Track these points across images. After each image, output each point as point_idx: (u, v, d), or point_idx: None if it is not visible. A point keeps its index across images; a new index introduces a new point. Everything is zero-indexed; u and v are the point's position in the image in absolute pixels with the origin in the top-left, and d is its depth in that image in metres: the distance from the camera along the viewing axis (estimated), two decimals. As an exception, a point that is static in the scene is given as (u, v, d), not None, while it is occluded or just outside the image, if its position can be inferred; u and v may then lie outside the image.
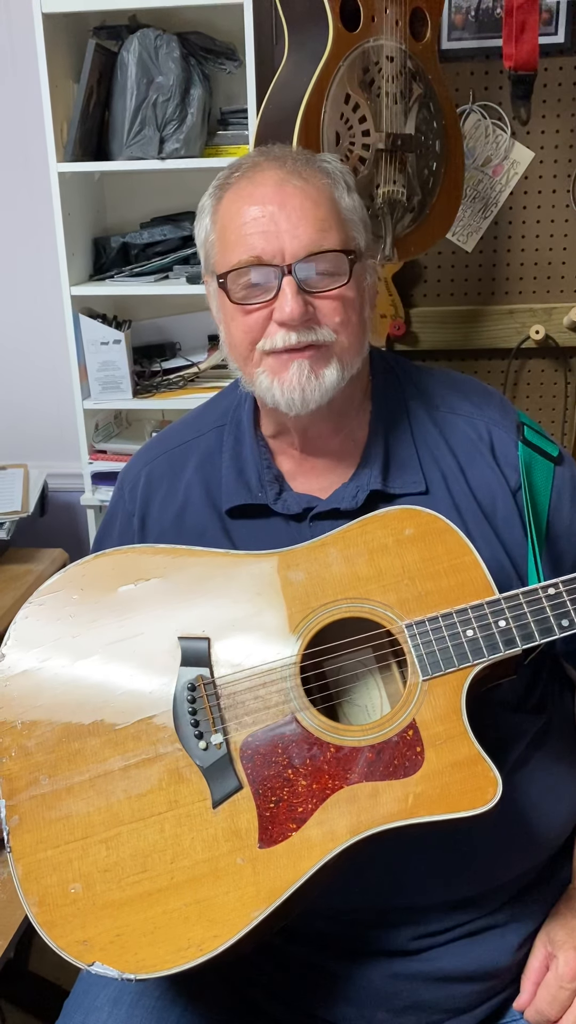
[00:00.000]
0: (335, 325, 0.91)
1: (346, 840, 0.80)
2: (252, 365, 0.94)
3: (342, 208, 0.93)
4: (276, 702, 0.85)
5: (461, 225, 1.90)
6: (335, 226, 0.91)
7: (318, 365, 0.92)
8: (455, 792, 0.80)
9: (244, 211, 0.91)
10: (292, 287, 0.89)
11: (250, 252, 0.90)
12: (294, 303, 0.88)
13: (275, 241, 0.89)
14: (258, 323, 0.92)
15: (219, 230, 0.94)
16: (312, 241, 0.89)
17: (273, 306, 0.90)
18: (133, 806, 0.84)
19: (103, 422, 2.02)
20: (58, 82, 1.73)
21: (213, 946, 0.78)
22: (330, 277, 0.91)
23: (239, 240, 0.91)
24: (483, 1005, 0.93)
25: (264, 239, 0.89)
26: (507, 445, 0.99)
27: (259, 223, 0.89)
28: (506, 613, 0.84)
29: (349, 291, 0.92)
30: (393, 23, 1.41)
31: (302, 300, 0.89)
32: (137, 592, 0.91)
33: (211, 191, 0.97)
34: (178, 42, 1.73)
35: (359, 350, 0.95)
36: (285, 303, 0.89)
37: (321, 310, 0.91)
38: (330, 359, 0.92)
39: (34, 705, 0.87)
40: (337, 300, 0.91)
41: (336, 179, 0.94)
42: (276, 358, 0.92)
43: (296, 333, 0.90)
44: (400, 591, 0.87)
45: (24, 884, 0.83)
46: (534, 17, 1.49)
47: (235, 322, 0.94)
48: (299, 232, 0.89)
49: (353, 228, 0.94)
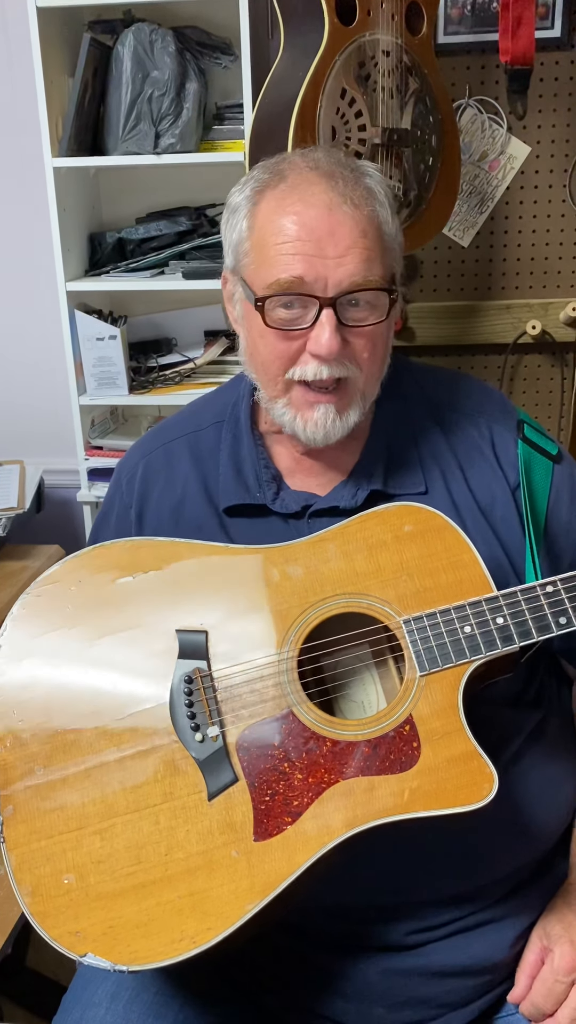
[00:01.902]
0: (363, 361, 0.90)
1: (342, 834, 0.80)
2: (277, 391, 0.93)
3: (385, 235, 0.89)
4: (273, 696, 0.85)
5: (457, 220, 1.90)
6: (379, 257, 0.87)
7: (343, 408, 0.91)
8: (451, 787, 0.80)
9: (289, 228, 0.86)
10: (332, 321, 0.86)
11: (292, 273, 0.86)
12: (332, 339, 0.86)
13: (320, 268, 0.85)
14: (291, 351, 0.89)
15: (257, 240, 0.89)
16: (358, 273, 0.86)
17: (309, 335, 0.87)
18: (128, 798, 0.84)
19: (99, 418, 2.02)
20: (53, 77, 1.72)
21: (206, 938, 0.78)
22: (368, 310, 0.88)
23: (280, 259, 0.87)
24: (480, 1000, 0.93)
25: (308, 264, 0.85)
26: (507, 443, 0.99)
27: (304, 246, 0.85)
28: (504, 610, 0.84)
29: (383, 327, 0.90)
30: (389, 17, 1.41)
31: (340, 336, 0.87)
32: (135, 585, 0.90)
33: (247, 193, 0.91)
34: (173, 36, 1.72)
35: (378, 380, 0.94)
36: (323, 336, 0.86)
37: (354, 345, 0.89)
38: (354, 398, 0.91)
39: (30, 696, 0.87)
40: (369, 336, 0.89)
41: (382, 200, 0.90)
42: (303, 394, 0.91)
43: (328, 367, 0.88)
44: (398, 587, 0.87)
45: (17, 874, 0.83)
46: (530, 11, 1.49)
47: (265, 342, 0.91)
48: (346, 263, 0.85)
49: (394, 257, 0.91)
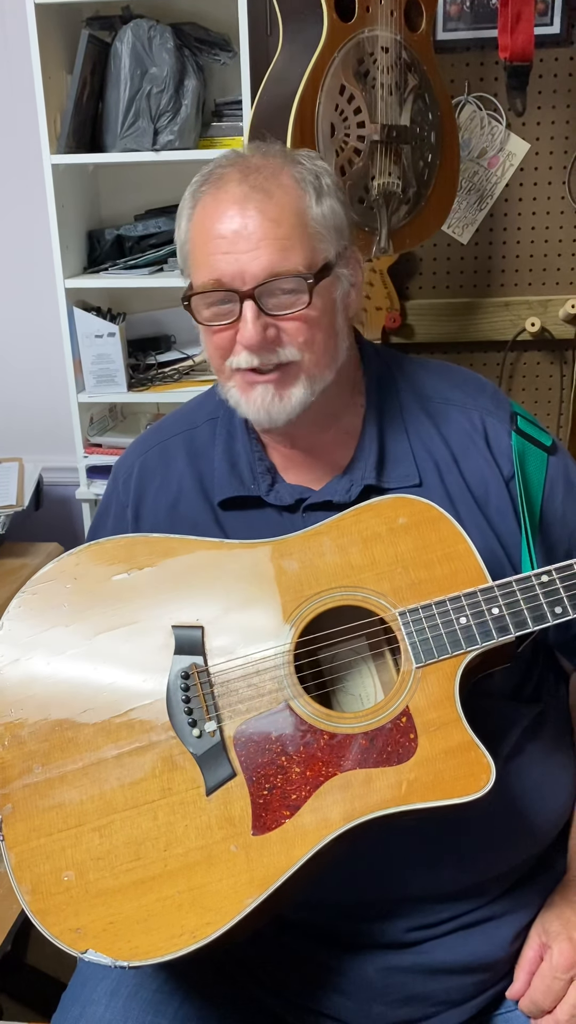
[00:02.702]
0: (299, 345, 0.91)
1: (340, 827, 0.80)
2: (224, 378, 0.96)
3: (309, 220, 0.90)
4: (269, 690, 0.85)
5: (457, 217, 1.90)
6: (297, 244, 0.88)
7: (283, 387, 0.92)
8: (448, 778, 0.80)
9: (209, 229, 0.89)
10: (252, 311, 0.88)
11: (211, 275, 0.89)
12: (253, 328, 0.88)
13: (235, 264, 0.88)
14: (225, 342, 0.92)
15: (190, 245, 0.93)
16: (273, 263, 0.87)
17: (237, 327, 0.90)
18: (126, 794, 0.84)
19: (98, 415, 2.02)
20: (51, 73, 1.72)
21: (206, 933, 0.78)
22: (293, 297, 0.89)
23: (204, 262, 0.90)
24: (478, 997, 0.93)
25: (225, 261, 0.88)
26: (500, 434, 0.99)
27: (221, 244, 0.88)
28: (499, 600, 0.85)
29: (312, 311, 0.90)
30: (388, 13, 1.41)
31: (262, 324, 0.88)
32: (130, 581, 0.90)
33: (188, 194, 0.95)
34: (172, 33, 1.72)
35: (329, 363, 0.94)
36: (245, 328, 0.88)
37: (285, 330, 0.90)
38: (296, 378, 0.92)
39: (27, 694, 0.87)
40: (300, 321, 0.90)
41: (306, 187, 0.90)
42: (243, 376, 0.93)
43: (258, 356, 0.90)
44: (394, 579, 0.87)
45: (17, 872, 0.83)
46: (529, 8, 1.49)
47: (206, 336, 0.95)
48: (259, 255, 0.87)
49: (321, 240, 0.91)
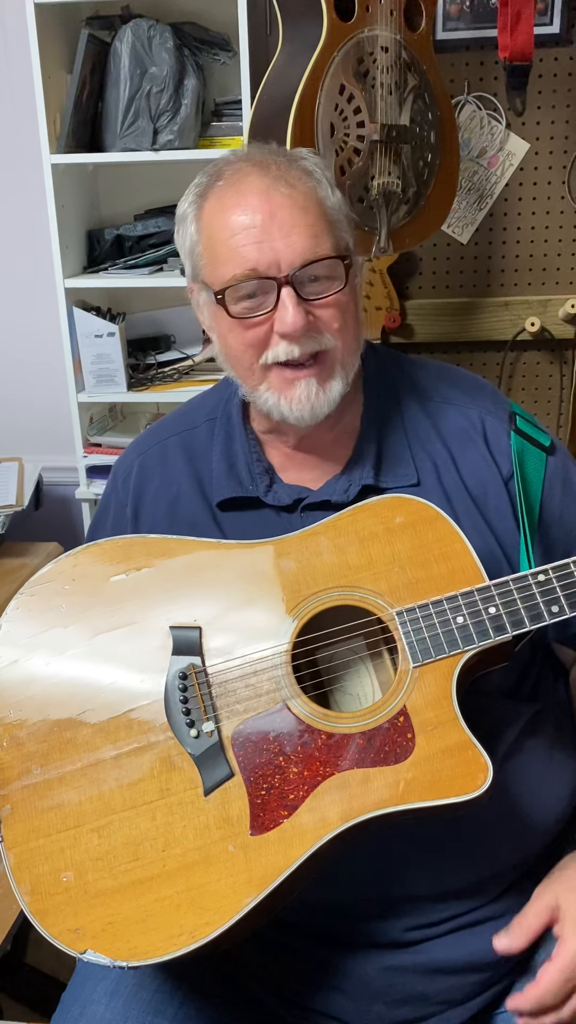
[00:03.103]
0: (334, 331, 0.91)
1: (338, 826, 0.80)
2: (255, 379, 0.94)
3: (329, 209, 0.91)
4: (267, 690, 0.85)
5: (456, 217, 1.90)
6: (326, 230, 0.89)
7: (324, 379, 0.92)
8: (446, 778, 0.80)
9: (233, 222, 0.89)
10: (292, 298, 0.87)
11: (245, 265, 0.88)
12: (295, 314, 0.87)
13: (269, 252, 0.87)
14: (259, 337, 0.91)
15: (206, 240, 0.92)
16: (307, 248, 0.87)
17: (274, 317, 0.89)
18: (125, 795, 0.84)
19: (97, 415, 2.02)
20: (51, 73, 1.72)
21: (205, 933, 0.78)
22: (327, 282, 0.89)
23: (231, 253, 0.89)
24: (478, 997, 0.93)
25: (258, 250, 0.87)
26: (499, 434, 0.99)
27: (251, 234, 0.88)
28: (496, 600, 0.85)
29: (346, 295, 0.91)
30: (388, 13, 1.41)
31: (303, 310, 0.88)
32: (128, 582, 0.90)
33: (191, 199, 0.94)
34: (172, 32, 1.72)
35: (357, 349, 0.95)
36: (287, 315, 0.87)
37: (321, 318, 0.90)
38: (334, 369, 0.92)
39: (26, 695, 0.87)
40: (335, 306, 0.90)
41: (319, 179, 0.92)
42: (280, 375, 0.91)
43: (299, 345, 0.89)
44: (391, 579, 0.87)
45: (16, 873, 0.83)
46: (529, 7, 1.49)
47: (234, 335, 0.92)
48: (293, 241, 0.87)
49: (341, 228, 0.92)
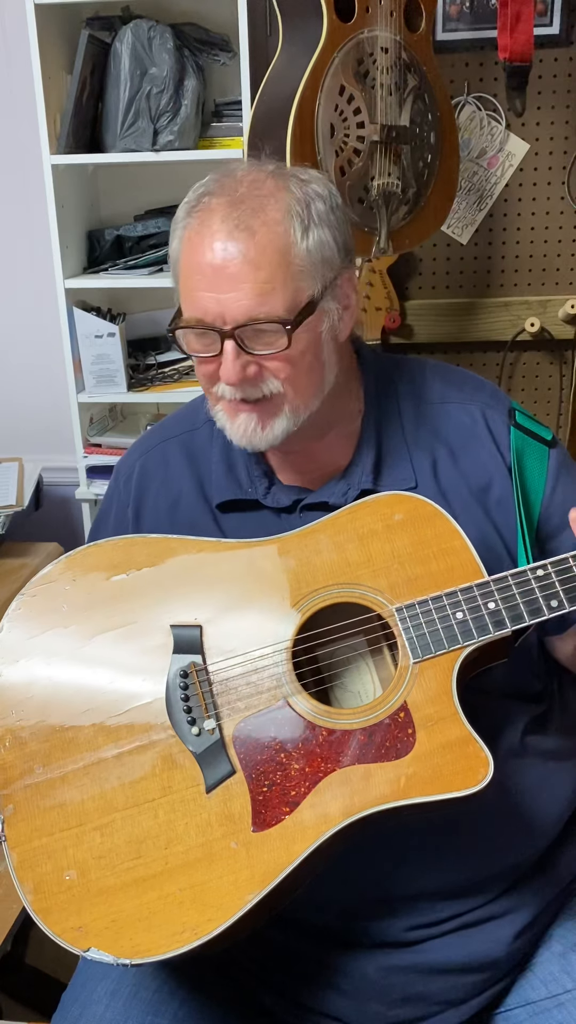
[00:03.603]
0: (282, 380, 0.91)
1: (339, 822, 0.80)
2: (212, 401, 0.96)
3: (292, 258, 0.87)
4: (268, 687, 0.85)
5: (456, 217, 1.90)
6: (279, 287, 0.87)
7: (266, 418, 0.92)
8: (447, 773, 0.80)
9: (193, 262, 0.89)
10: (232, 351, 0.88)
11: (195, 312, 0.89)
12: (232, 368, 0.88)
13: (215, 306, 0.87)
14: (210, 371, 0.92)
15: (180, 263, 0.92)
16: (251, 307, 0.87)
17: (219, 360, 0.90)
18: (127, 793, 0.84)
19: (98, 416, 2.02)
20: (51, 73, 1.72)
21: (208, 930, 0.78)
22: (272, 337, 0.88)
23: (189, 294, 0.90)
24: (478, 997, 0.93)
25: (206, 300, 0.88)
26: (501, 427, 0.99)
27: (202, 282, 0.88)
28: (495, 595, 0.85)
29: (292, 351, 0.89)
30: (388, 14, 1.41)
31: (242, 363, 0.88)
32: (129, 582, 0.91)
33: (181, 214, 0.93)
34: (172, 33, 1.72)
35: (315, 393, 0.94)
36: (226, 365, 0.89)
37: (268, 367, 0.90)
38: (280, 409, 0.92)
39: (28, 695, 0.88)
40: (281, 360, 0.90)
41: (291, 221, 0.88)
42: (227, 404, 0.93)
43: (241, 390, 0.90)
44: (390, 575, 0.87)
45: (19, 872, 0.83)
46: (529, 8, 1.49)
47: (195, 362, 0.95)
48: (238, 296, 0.87)
49: (304, 278, 0.89)
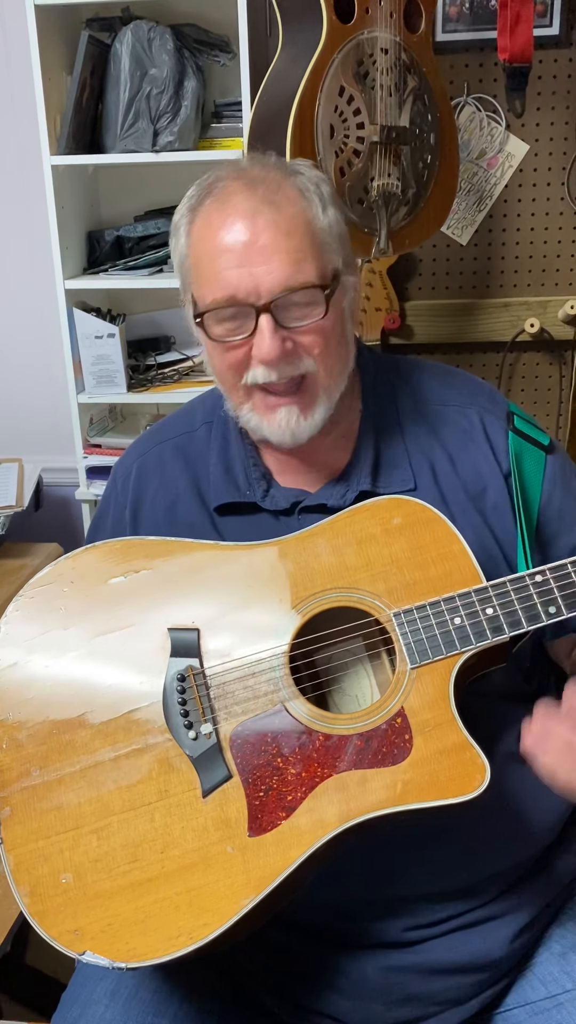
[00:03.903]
0: (315, 356, 0.90)
1: (335, 828, 0.80)
2: (239, 398, 0.94)
3: (317, 230, 0.89)
4: (265, 692, 0.85)
5: (456, 218, 1.90)
6: (309, 255, 0.88)
7: (306, 407, 0.91)
8: (444, 779, 0.80)
9: (216, 244, 0.88)
10: (269, 325, 0.87)
11: (224, 291, 0.88)
12: (271, 342, 0.87)
13: (249, 280, 0.87)
14: (239, 359, 0.91)
15: (193, 259, 0.92)
16: (287, 276, 0.87)
17: (252, 342, 0.89)
18: (123, 796, 0.84)
19: (97, 416, 2.02)
20: (51, 74, 1.72)
21: (203, 934, 0.78)
22: (307, 309, 0.89)
23: (213, 277, 0.89)
24: (478, 997, 0.93)
25: (238, 277, 0.87)
26: (498, 432, 0.99)
27: (231, 258, 0.87)
28: (493, 601, 0.85)
29: (327, 321, 0.90)
30: (387, 15, 1.41)
31: (280, 337, 0.88)
32: (127, 584, 0.91)
33: (183, 211, 0.94)
34: (172, 34, 1.72)
35: (342, 371, 0.94)
36: (263, 342, 0.87)
37: (301, 343, 0.89)
38: (316, 396, 0.92)
39: (25, 697, 0.88)
40: (316, 333, 0.89)
41: (310, 198, 0.90)
42: (263, 400, 0.91)
43: (277, 370, 0.89)
44: (388, 580, 0.87)
45: (15, 875, 0.83)
46: (528, 9, 1.49)
47: (215, 356, 0.93)
48: (272, 268, 0.86)
49: (328, 250, 0.91)
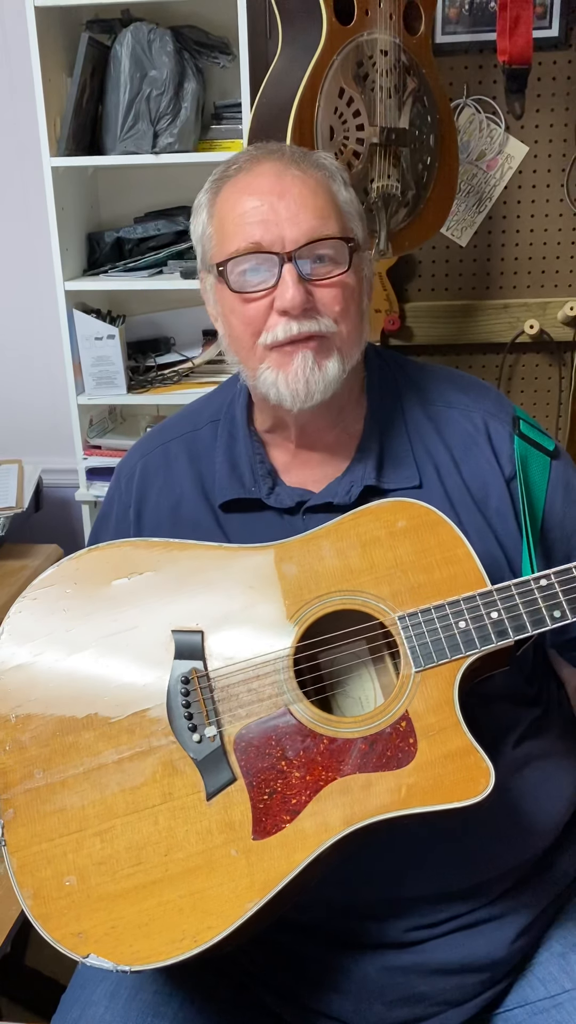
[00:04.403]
0: (335, 315, 0.91)
1: (339, 831, 0.80)
2: (255, 360, 0.94)
3: (340, 200, 0.93)
4: (269, 694, 0.85)
5: (455, 220, 1.90)
6: (333, 215, 0.91)
7: (321, 356, 0.91)
8: (448, 783, 0.80)
9: (242, 201, 0.90)
10: (293, 275, 0.88)
11: (249, 239, 0.89)
12: (295, 290, 0.88)
13: (275, 229, 0.88)
14: (259, 313, 0.91)
15: (217, 223, 0.93)
16: (312, 228, 0.89)
17: (274, 295, 0.89)
18: (127, 799, 0.84)
19: (97, 417, 2.02)
20: (51, 76, 1.72)
21: (207, 937, 0.78)
22: (331, 264, 0.90)
23: (237, 229, 0.90)
24: (479, 997, 0.93)
25: (263, 227, 0.89)
26: (503, 436, 0.99)
27: (259, 212, 0.89)
28: (498, 605, 0.85)
29: (349, 279, 0.91)
30: (387, 17, 1.41)
31: (303, 288, 0.88)
32: (131, 586, 0.91)
33: (207, 188, 0.96)
34: (171, 36, 1.72)
35: (358, 340, 0.95)
36: (286, 290, 0.88)
37: (321, 300, 0.90)
38: (332, 351, 0.92)
39: (28, 699, 0.87)
40: (338, 288, 0.91)
41: (333, 173, 0.94)
42: (280, 351, 0.92)
43: (297, 323, 0.89)
44: (393, 583, 0.87)
45: (19, 877, 0.83)
46: (528, 11, 1.49)
47: (235, 314, 0.93)
48: (299, 219, 0.89)
49: (351, 220, 0.94)
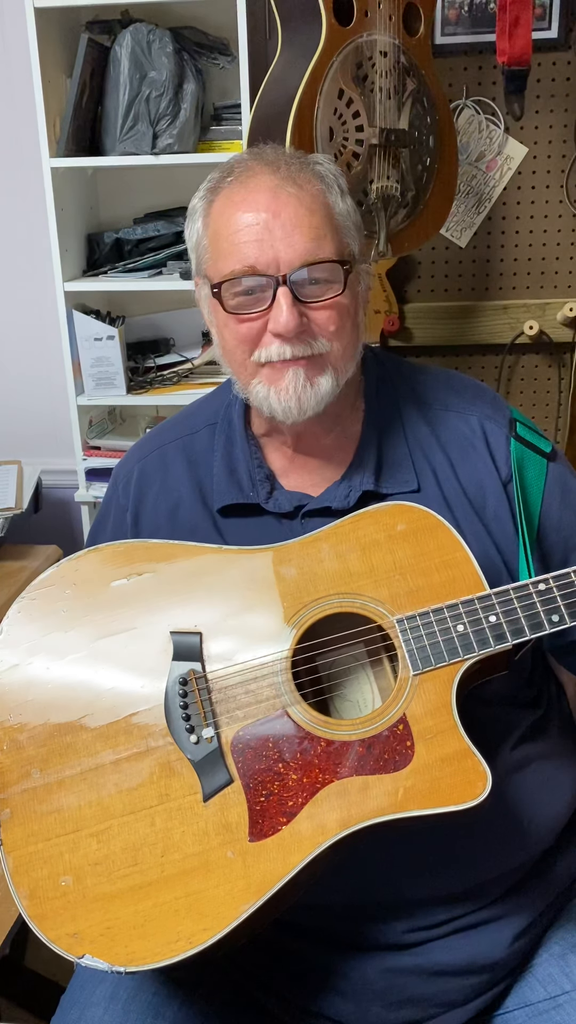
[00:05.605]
0: (329, 335, 0.91)
1: (336, 834, 0.80)
2: (248, 375, 0.94)
3: (336, 214, 0.92)
4: (267, 696, 0.85)
5: (455, 221, 1.90)
6: (329, 234, 0.90)
7: (313, 373, 0.92)
8: (445, 786, 0.80)
9: (237, 218, 0.90)
10: (288, 298, 0.88)
11: (244, 262, 0.89)
12: (289, 315, 0.88)
13: (269, 250, 0.88)
14: (252, 333, 0.91)
15: (211, 235, 0.93)
16: (307, 250, 0.88)
17: (268, 316, 0.90)
18: (124, 800, 0.84)
19: (97, 418, 2.02)
20: (50, 77, 1.72)
21: (203, 939, 0.78)
22: (325, 286, 0.90)
23: (232, 248, 0.90)
24: (478, 998, 0.93)
25: (258, 248, 0.88)
26: (499, 439, 0.99)
27: (253, 231, 0.89)
28: (496, 608, 0.85)
29: (344, 299, 0.91)
30: (387, 18, 1.41)
31: (297, 311, 0.88)
32: (129, 587, 0.91)
33: (202, 194, 0.96)
34: (171, 37, 1.72)
35: (352, 355, 0.95)
36: (280, 314, 0.88)
37: (316, 320, 0.90)
38: (325, 368, 0.92)
39: (26, 699, 0.88)
40: (332, 309, 0.90)
41: (330, 183, 0.93)
42: (271, 367, 0.92)
43: (291, 346, 0.90)
44: (392, 586, 0.87)
45: (15, 877, 0.83)
46: (527, 12, 1.49)
47: (228, 330, 0.93)
48: (294, 241, 0.88)
49: (347, 234, 0.93)
